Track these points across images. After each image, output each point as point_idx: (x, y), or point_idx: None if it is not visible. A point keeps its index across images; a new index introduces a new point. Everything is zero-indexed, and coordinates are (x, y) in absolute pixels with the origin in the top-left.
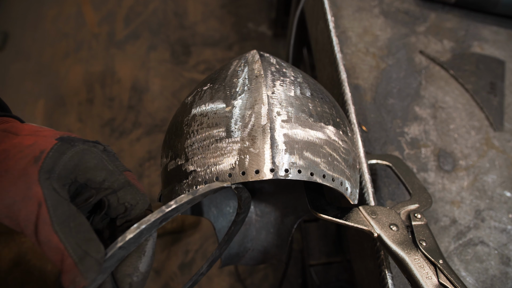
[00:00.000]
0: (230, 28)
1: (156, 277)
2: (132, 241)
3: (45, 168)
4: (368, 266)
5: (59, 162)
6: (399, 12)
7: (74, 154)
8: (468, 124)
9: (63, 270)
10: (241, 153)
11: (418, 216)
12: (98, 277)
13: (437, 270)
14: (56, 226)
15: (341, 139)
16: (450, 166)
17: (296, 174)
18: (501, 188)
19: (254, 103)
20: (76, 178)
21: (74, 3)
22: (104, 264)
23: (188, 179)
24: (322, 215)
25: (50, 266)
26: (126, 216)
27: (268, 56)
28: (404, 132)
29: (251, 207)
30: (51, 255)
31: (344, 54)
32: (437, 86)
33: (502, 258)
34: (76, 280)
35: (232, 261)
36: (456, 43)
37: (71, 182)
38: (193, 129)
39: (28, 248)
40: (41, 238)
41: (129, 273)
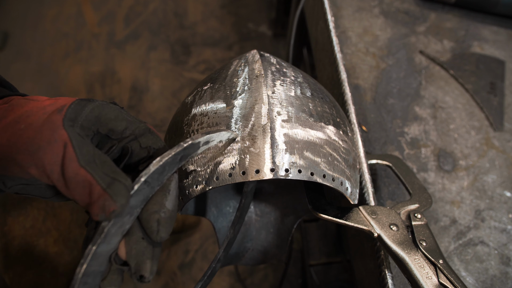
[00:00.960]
0: (230, 28)
1: (156, 277)
2: (156, 177)
3: (69, 116)
4: (368, 266)
5: (81, 113)
6: (399, 12)
7: (94, 107)
8: (468, 124)
9: (91, 201)
10: (242, 153)
11: (418, 216)
12: (125, 218)
13: (437, 270)
14: (82, 162)
15: (341, 139)
16: (450, 166)
17: (296, 174)
18: (501, 188)
19: (255, 103)
20: (98, 129)
21: (74, 3)
22: (131, 201)
23: (188, 178)
24: (322, 215)
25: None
26: (149, 159)
27: (269, 56)
28: (404, 132)
29: (250, 207)
30: (79, 190)
31: (344, 54)
32: (437, 86)
33: (502, 258)
34: (106, 204)
35: (232, 261)
36: (456, 43)
37: (94, 134)
38: (193, 129)
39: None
40: (68, 174)
41: (155, 210)
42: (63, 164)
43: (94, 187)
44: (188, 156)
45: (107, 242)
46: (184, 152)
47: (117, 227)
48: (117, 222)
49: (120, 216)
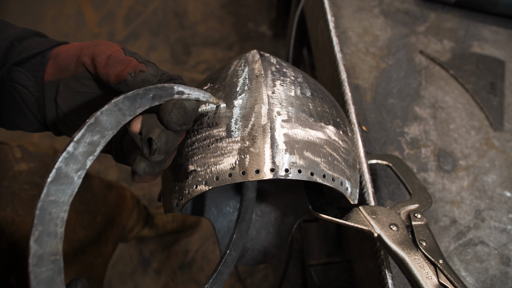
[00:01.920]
0: (230, 28)
1: (156, 277)
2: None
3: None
4: (368, 266)
5: (136, 54)
6: (399, 12)
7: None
8: (468, 124)
9: (125, 68)
10: (241, 153)
11: (418, 216)
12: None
13: (437, 270)
14: (130, 54)
15: (341, 139)
16: (450, 166)
17: (296, 174)
18: (501, 188)
19: (255, 103)
20: None
21: (74, 3)
22: (102, 119)
23: (188, 178)
24: (322, 215)
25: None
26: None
27: (268, 56)
28: (404, 132)
29: None
30: (117, 66)
31: (344, 54)
32: (437, 86)
33: (502, 258)
34: (138, 66)
35: None
36: (456, 43)
37: None
38: (193, 129)
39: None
40: (114, 55)
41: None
42: (112, 52)
43: (132, 61)
44: (161, 98)
45: (75, 157)
46: (157, 92)
47: (88, 141)
48: (92, 132)
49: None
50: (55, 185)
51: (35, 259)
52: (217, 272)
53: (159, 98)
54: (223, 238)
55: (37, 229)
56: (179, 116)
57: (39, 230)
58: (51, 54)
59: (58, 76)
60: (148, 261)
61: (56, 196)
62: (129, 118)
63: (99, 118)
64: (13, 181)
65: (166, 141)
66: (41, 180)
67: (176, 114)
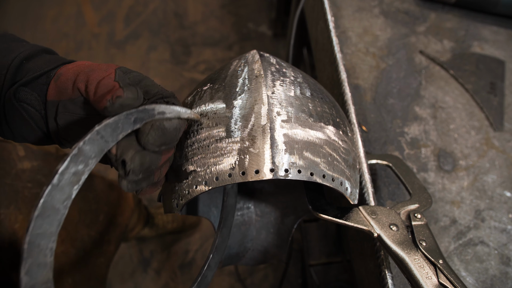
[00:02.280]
0: (230, 28)
1: (156, 277)
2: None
3: (122, 68)
4: (368, 266)
5: (131, 73)
6: (399, 12)
7: (139, 74)
8: (468, 124)
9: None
10: (241, 153)
11: (418, 216)
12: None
13: (437, 270)
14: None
15: (341, 139)
16: (450, 166)
17: (296, 174)
18: (501, 188)
19: (254, 103)
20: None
21: (74, 3)
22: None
23: (188, 179)
24: (322, 215)
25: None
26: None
27: (268, 56)
28: (404, 132)
29: (251, 207)
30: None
31: (344, 54)
32: (437, 86)
33: (502, 258)
34: (117, 93)
35: (232, 261)
36: (456, 43)
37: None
38: (193, 129)
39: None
40: (102, 82)
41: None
42: (102, 78)
43: (114, 87)
44: (143, 120)
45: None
46: (138, 115)
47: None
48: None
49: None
50: (42, 219)
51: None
52: (201, 275)
53: (141, 120)
54: None
55: (27, 262)
56: (156, 137)
57: (29, 262)
58: (55, 74)
59: (58, 98)
60: (148, 261)
61: (44, 229)
62: (112, 144)
63: (82, 148)
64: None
65: (141, 162)
66: (44, 179)
67: (153, 135)
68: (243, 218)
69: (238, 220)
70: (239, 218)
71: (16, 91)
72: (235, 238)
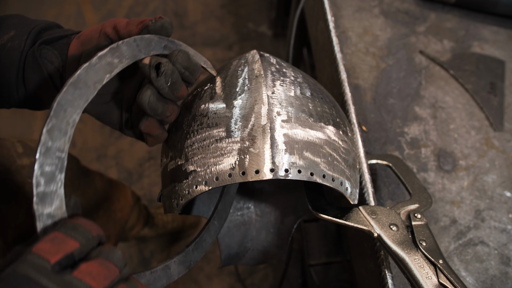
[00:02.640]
0: (230, 28)
1: None
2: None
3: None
4: (368, 266)
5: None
6: (399, 12)
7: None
8: (468, 124)
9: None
10: (241, 153)
11: (418, 216)
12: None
13: (437, 270)
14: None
15: (341, 139)
16: (450, 166)
17: (296, 174)
18: (501, 188)
19: (254, 103)
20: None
21: (74, 3)
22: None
23: (188, 179)
24: (322, 215)
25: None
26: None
27: (268, 56)
28: (404, 132)
29: (251, 207)
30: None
31: (344, 54)
32: (437, 86)
33: (502, 258)
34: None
35: (232, 261)
36: (456, 43)
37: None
38: (193, 129)
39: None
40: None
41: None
42: (130, 20)
43: (148, 18)
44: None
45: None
46: (168, 43)
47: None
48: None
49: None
50: (74, 88)
51: (44, 148)
52: (200, 237)
53: (169, 49)
54: (223, 238)
55: (51, 121)
56: (184, 58)
57: (53, 122)
58: (76, 35)
59: (82, 49)
60: (148, 261)
61: (73, 97)
62: (144, 56)
63: (120, 46)
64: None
65: (172, 70)
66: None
67: (181, 56)
68: (243, 218)
69: (238, 220)
70: (239, 218)
71: (39, 47)
72: (235, 238)
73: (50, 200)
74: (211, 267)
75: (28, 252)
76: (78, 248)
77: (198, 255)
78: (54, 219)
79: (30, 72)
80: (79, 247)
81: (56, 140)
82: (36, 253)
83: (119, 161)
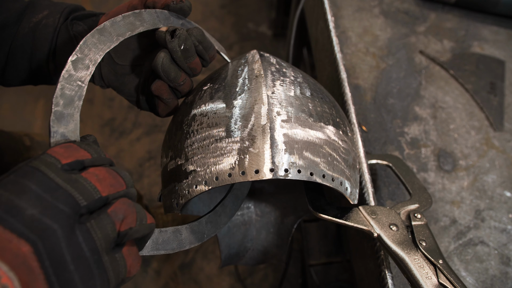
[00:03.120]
0: (230, 28)
1: (156, 277)
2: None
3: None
4: (368, 266)
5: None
6: (399, 12)
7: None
8: (468, 124)
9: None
10: (241, 153)
11: (418, 216)
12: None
13: (437, 270)
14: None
15: (341, 139)
16: (450, 166)
17: (296, 174)
18: (501, 188)
19: (254, 103)
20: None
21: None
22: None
23: (188, 178)
24: (322, 215)
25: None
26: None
27: (268, 56)
28: (404, 132)
29: (251, 207)
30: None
31: (344, 54)
32: (437, 86)
33: (502, 258)
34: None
35: (232, 261)
36: (456, 43)
37: None
38: (193, 129)
39: None
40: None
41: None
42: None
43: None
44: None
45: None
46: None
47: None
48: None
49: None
50: (99, 34)
51: (67, 74)
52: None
53: (186, 27)
54: (223, 238)
55: (76, 54)
56: (199, 33)
57: (77, 55)
58: (104, 14)
59: None
60: (148, 261)
61: (98, 41)
62: (162, 26)
63: (142, 13)
64: None
65: (186, 37)
66: None
67: (196, 30)
68: (243, 218)
69: (238, 220)
70: (239, 218)
71: (71, 22)
72: (235, 238)
73: (66, 122)
74: (211, 267)
75: (43, 153)
76: (89, 159)
77: (212, 230)
78: (67, 138)
79: (62, 46)
80: (90, 158)
81: (78, 71)
82: (49, 154)
83: (119, 161)
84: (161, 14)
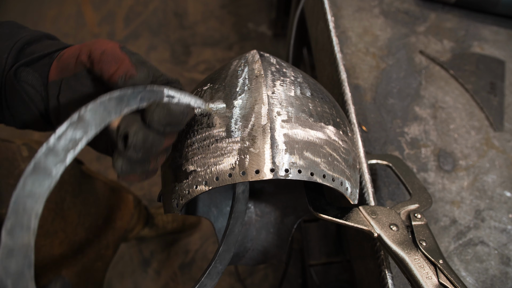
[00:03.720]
0: (230, 28)
1: (156, 277)
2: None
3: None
4: (368, 266)
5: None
6: (399, 12)
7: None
8: (468, 124)
9: (119, 68)
10: (241, 153)
11: (418, 216)
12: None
13: (437, 270)
14: (125, 50)
15: (341, 139)
16: (450, 166)
17: (296, 174)
18: (501, 188)
19: (254, 103)
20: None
21: (74, 3)
22: (86, 115)
23: (188, 179)
24: (322, 215)
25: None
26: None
27: (268, 56)
28: (404, 132)
29: (251, 207)
30: (110, 63)
31: (344, 54)
32: (437, 86)
33: (502, 258)
34: (129, 71)
35: (232, 261)
36: (456, 43)
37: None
38: (193, 129)
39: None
40: (108, 52)
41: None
42: (107, 48)
43: (124, 62)
44: (150, 99)
45: (55, 152)
46: (146, 94)
47: (70, 137)
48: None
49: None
50: (33, 177)
51: (6, 250)
52: (200, 283)
53: (148, 100)
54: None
55: (9, 221)
56: (162, 115)
57: (11, 222)
58: (58, 55)
59: (61, 76)
60: (148, 261)
61: (33, 189)
62: (115, 117)
63: (82, 115)
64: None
65: (144, 139)
66: None
67: (158, 113)
68: None
69: None
70: None
71: (16, 71)
72: None
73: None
74: None
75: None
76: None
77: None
78: None
79: (11, 96)
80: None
81: (18, 239)
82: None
83: None
84: (109, 103)
